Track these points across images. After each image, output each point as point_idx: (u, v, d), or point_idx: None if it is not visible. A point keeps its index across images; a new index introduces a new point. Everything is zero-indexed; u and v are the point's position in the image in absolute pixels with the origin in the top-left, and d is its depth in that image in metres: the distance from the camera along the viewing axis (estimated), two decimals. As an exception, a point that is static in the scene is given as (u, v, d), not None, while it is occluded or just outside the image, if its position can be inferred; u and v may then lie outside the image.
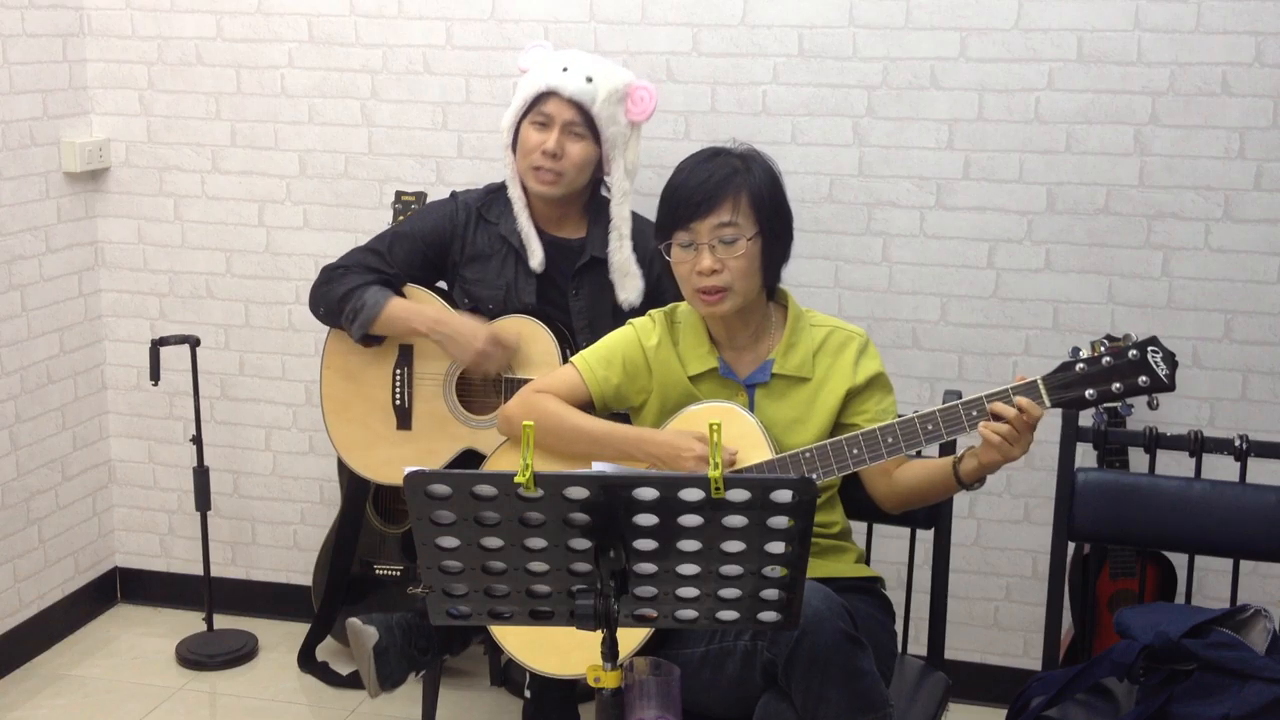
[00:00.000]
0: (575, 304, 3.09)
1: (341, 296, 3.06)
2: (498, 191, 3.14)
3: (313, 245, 3.76)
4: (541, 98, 3.00)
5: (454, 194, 3.19)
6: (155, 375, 3.56)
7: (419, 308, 3.06)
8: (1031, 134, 3.27)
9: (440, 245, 3.12)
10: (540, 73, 3.02)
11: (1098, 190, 3.26)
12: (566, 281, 3.10)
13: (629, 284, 3.07)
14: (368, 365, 3.14)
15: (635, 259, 3.07)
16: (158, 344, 3.59)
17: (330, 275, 3.11)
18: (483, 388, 3.12)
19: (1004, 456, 2.28)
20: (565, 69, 3.00)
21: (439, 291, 3.16)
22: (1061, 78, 3.22)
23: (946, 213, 3.35)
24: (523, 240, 3.06)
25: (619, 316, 3.04)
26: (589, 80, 2.99)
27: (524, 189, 3.07)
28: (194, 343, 3.66)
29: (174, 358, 3.73)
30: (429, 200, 3.46)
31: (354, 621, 2.83)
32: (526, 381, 2.85)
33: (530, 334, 3.03)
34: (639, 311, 3.04)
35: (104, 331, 3.95)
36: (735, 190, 2.43)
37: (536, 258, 3.06)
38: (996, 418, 2.28)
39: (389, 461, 3.12)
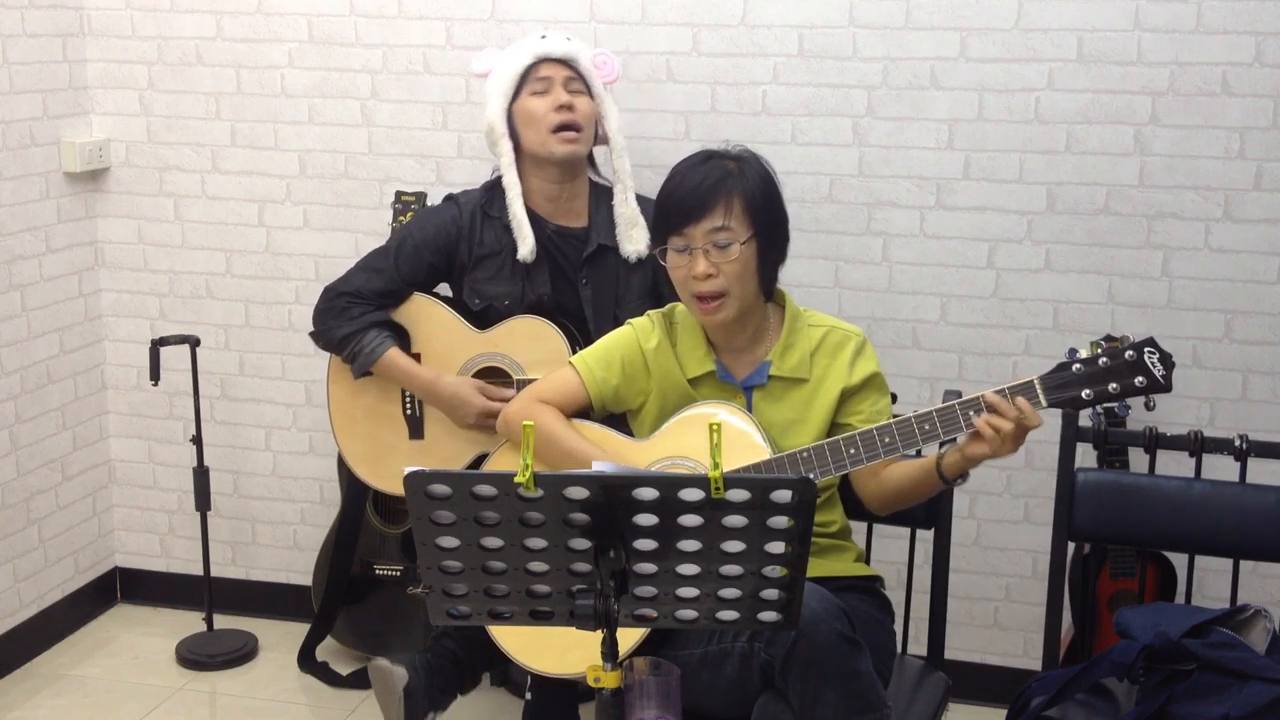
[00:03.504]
0: (584, 292, 3.09)
1: (342, 339, 3.08)
2: (496, 186, 3.13)
3: (313, 245, 3.76)
4: (532, 68, 3.05)
5: (451, 196, 3.18)
6: (155, 375, 3.56)
7: (412, 370, 3.07)
8: (1031, 134, 3.27)
9: (446, 250, 3.10)
10: (518, 51, 3.08)
11: (1098, 190, 3.26)
12: (575, 271, 3.10)
13: (636, 234, 3.08)
14: (374, 378, 3.13)
15: (640, 210, 3.10)
16: (158, 344, 3.59)
17: (333, 304, 3.09)
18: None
19: (993, 452, 2.27)
20: (543, 36, 3.09)
21: (443, 298, 3.15)
22: (1061, 78, 3.22)
23: (946, 213, 3.35)
24: (515, 226, 3.05)
25: (623, 306, 3.04)
26: (569, 40, 3.10)
27: (519, 178, 3.07)
28: (194, 343, 3.66)
29: (174, 358, 3.73)
30: (428, 200, 3.46)
31: (382, 662, 2.79)
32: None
33: (539, 334, 3.03)
34: (646, 264, 3.07)
35: (104, 331, 3.95)
36: (728, 194, 2.43)
37: (527, 245, 3.04)
38: (992, 410, 2.27)
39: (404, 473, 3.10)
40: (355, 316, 3.07)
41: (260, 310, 3.84)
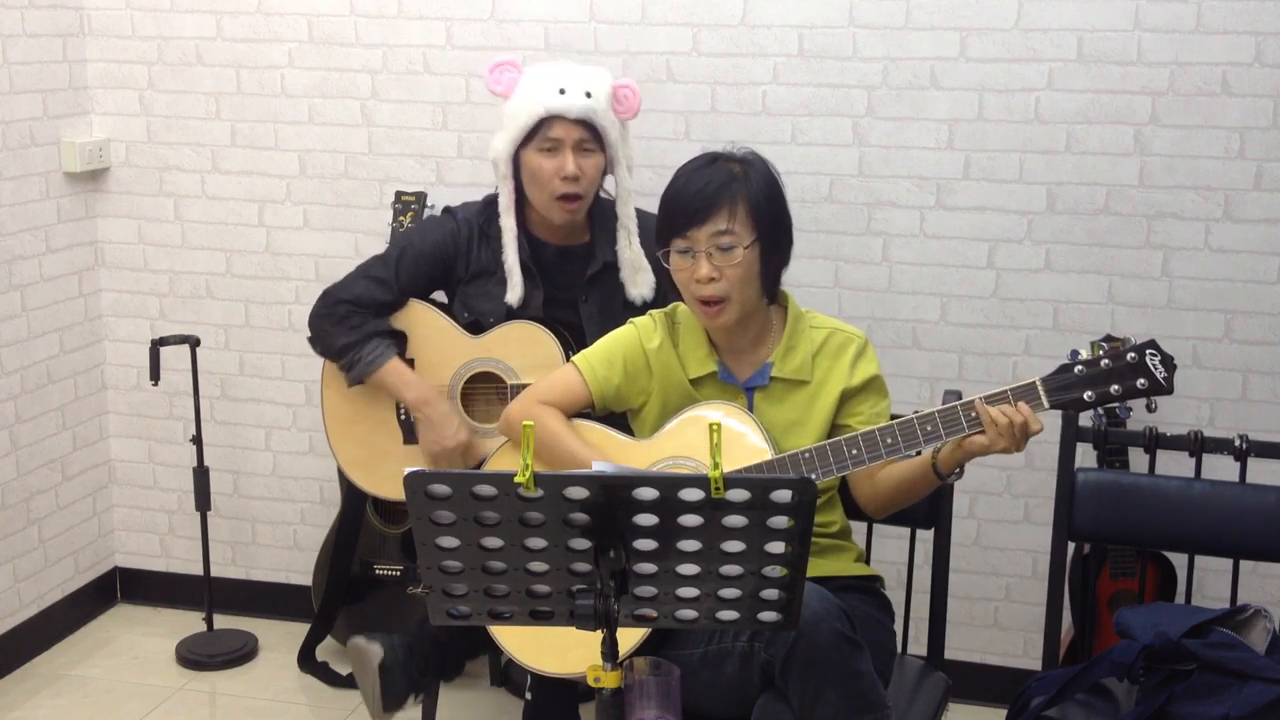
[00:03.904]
0: (585, 309, 3.09)
1: (341, 348, 3.05)
2: (495, 204, 3.11)
3: (313, 245, 3.76)
4: (544, 123, 2.94)
5: (450, 210, 3.15)
6: (155, 375, 3.56)
7: (410, 381, 3.04)
8: (1031, 134, 3.27)
9: (444, 262, 3.09)
10: (534, 96, 2.94)
11: (1098, 190, 3.26)
12: (576, 289, 3.09)
13: (640, 279, 3.06)
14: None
15: (644, 254, 3.06)
16: (158, 344, 3.59)
17: (332, 311, 3.07)
18: (487, 395, 3.11)
19: (989, 444, 2.27)
20: (562, 90, 2.93)
21: (439, 305, 3.15)
22: (1061, 78, 3.22)
23: (946, 213, 3.35)
24: (508, 272, 3.02)
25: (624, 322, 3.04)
26: (589, 95, 2.94)
27: (517, 219, 3.04)
28: (194, 343, 3.66)
29: (174, 358, 3.73)
30: (428, 200, 3.46)
31: (357, 640, 2.80)
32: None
33: (533, 338, 3.02)
34: (650, 308, 3.04)
35: (104, 331, 3.95)
36: (732, 198, 2.42)
37: (515, 294, 3.02)
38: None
39: (398, 476, 3.08)
40: (355, 326, 3.04)
41: (260, 310, 3.84)
